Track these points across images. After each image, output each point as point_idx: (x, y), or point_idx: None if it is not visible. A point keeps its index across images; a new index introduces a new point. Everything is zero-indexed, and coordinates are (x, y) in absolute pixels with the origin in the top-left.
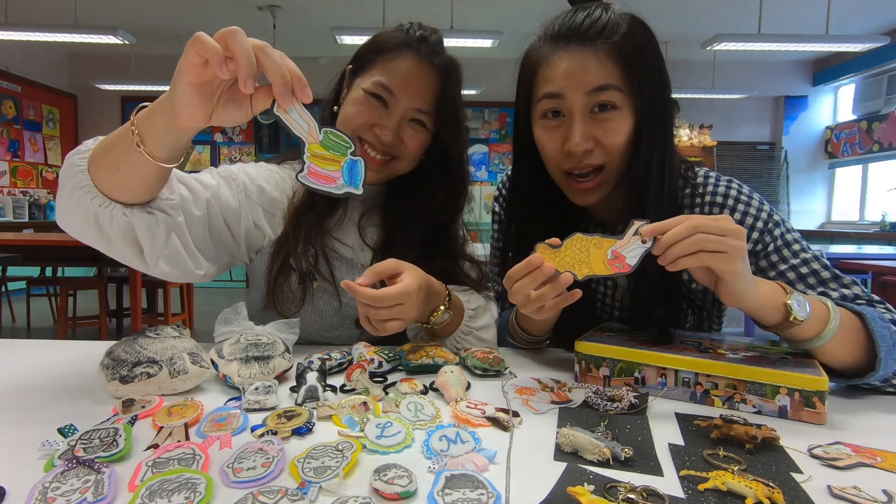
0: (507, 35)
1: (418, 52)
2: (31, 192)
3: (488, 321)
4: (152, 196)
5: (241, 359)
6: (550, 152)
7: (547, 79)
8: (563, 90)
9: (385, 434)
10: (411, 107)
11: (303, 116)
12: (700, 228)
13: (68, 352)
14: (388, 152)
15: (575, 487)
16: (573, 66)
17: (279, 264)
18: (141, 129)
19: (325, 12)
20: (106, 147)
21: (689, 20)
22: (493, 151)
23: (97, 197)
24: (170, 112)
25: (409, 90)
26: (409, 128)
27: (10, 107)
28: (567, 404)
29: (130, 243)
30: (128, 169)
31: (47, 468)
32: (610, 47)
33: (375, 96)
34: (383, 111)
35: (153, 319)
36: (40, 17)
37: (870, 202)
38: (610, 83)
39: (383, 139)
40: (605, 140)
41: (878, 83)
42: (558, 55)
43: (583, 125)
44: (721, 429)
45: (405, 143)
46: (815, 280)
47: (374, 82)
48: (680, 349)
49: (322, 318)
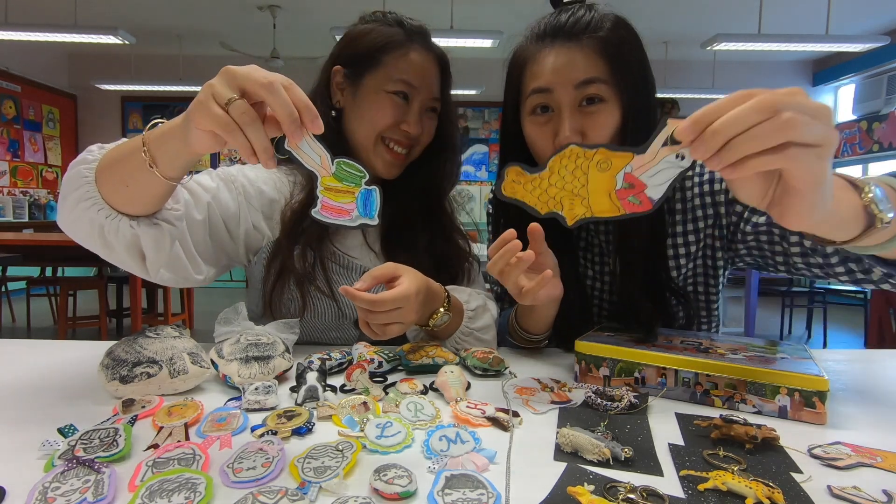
0: (507, 35)
1: (422, 44)
2: (31, 192)
3: (488, 321)
4: (159, 208)
5: (241, 359)
6: (541, 148)
7: (535, 75)
8: (550, 85)
9: (385, 434)
10: (429, 97)
11: (314, 149)
12: (781, 106)
13: (68, 352)
14: (410, 145)
15: (575, 487)
16: (560, 61)
17: (276, 269)
18: (153, 150)
19: (325, 12)
20: (115, 162)
21: (689, 20)
22: (493, 151)
23: (104, 209)
24: (183, 140)
25: (425, 81)
26: (426, 117)
27: (10, 107)
28: (567, 404)
29: (134, 253)
30: (137, 185)
31: (47, 468)
32: (595, 42)
33: (400, 94)
34: (406, 107)
35: (153, 319)
36: (40, 17)
37: None
38: (597, 76)
39: (412, 133)
40: (592, 134)
41: (878, 83)
42: (545, 51)
43: (571, 119)
44: (721, 429)
45: (423, 136)
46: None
47: (398, 80)
48: (680, 349)
49: (321, 320)
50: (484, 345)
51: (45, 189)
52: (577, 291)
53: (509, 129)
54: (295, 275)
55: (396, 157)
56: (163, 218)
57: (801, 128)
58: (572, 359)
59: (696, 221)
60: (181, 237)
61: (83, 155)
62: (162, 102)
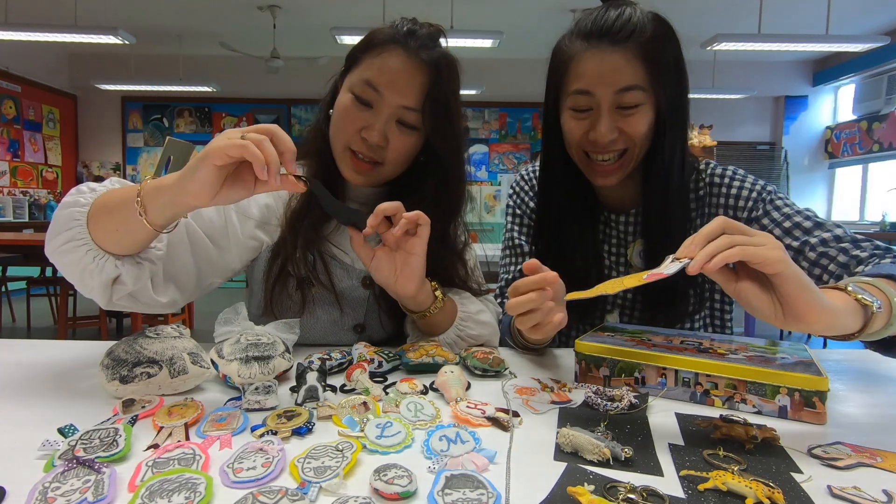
0: (507, 35)
1: (405, 47)
2: (31, 192)
3: (480, 306)
4: (145, 248)
5: (241, 359)
6: (575, 137)
7: (578, 75)
8: (592, 88)
9: (385, 434)
10: (398, 105)
11: None
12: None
13: (68, 352)
14: (373, 158)
15: (575, 487)
16: (604, 68)
17: (277, 271)
18: (146, 201)
19: (325, 12)
20: (107, 209)
21: (689, 20)
22: (493, 151)
23: (92, 250)
24: (178, 190)
25: (395, 87)
26: (396, 130)
27: (10, 107)
28: (567, 404)
29: (106, 288)
30: (126, 231)
31: (47, 468)
32: (638, 48)
33: (360, 100)
34: (369, 112)
35: (153, 319)
36: (40, 17)
37: (870, 202)
38: (636, 84)
39: (370, 140)
40: (628, 129)
41: (878, 83)
42: (590, 52)
43: (609, 119)
44: (721, 429)
45: (390, 146)
46: (800, 231)
47: (360, 80)
48: (680, 349)
49: (321, 324)
50: (483, 328)
51: (45, 189)
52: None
53: (550, 118)
54: (297, 276)
55: (360, 165)
56: (146, 258)
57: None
58: (572, 359)
59: None
60: (156, 272)
61: (74, 196)
62: (162, 102)
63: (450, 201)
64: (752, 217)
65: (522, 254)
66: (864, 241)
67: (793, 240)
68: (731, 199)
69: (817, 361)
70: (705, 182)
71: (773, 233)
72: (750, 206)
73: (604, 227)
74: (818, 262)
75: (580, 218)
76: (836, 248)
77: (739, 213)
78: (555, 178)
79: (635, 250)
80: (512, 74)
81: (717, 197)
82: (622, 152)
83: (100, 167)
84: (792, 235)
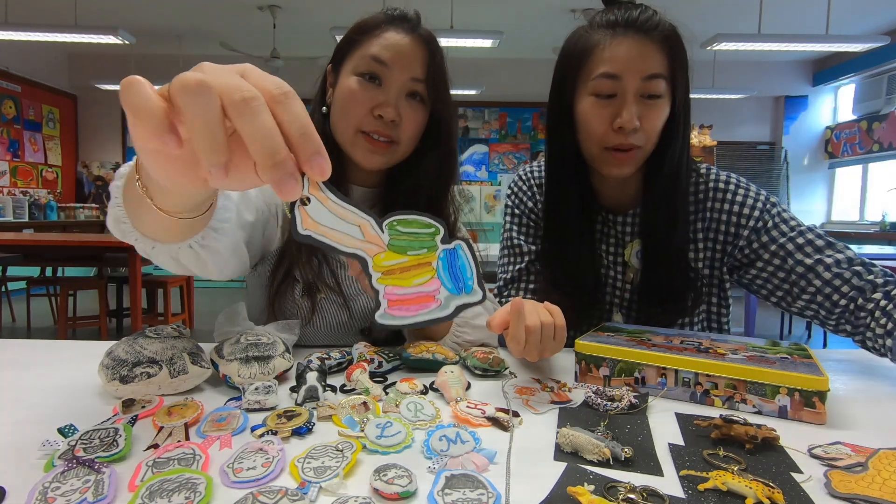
0: (507, 35)
1: (402, 27)
2: (31, 192)
3: (477, 309)
4: (198, 231)
5: (241, 359)
6: (596, 127)
7: (604, 60)
8: (621, 72)
9: (385, 434)
10: (407, 77)
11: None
12: None
13: (68, 352)
14: (389, 136)
15: (575, 487)
16: (633, 52)
17: (281, 277)
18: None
19: (325, 12)
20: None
21: (689, 20)
22: (492, 151)
23: (140, 239)
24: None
25: (402, 60)
26: (406, 105)
27: (10, 107)
28: (567, 404)
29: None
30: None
31: (47, 468)
32: (663, 40)
33: (369, 76)
34: (379, 90)
35: (153, 319)
36: (40, 17)
37: (870, 202)
38: (661, 72)
39: (387, 117)
40: (646, 124)
41: (878, 83)
42: (618, 39)
43: (634, 105)
44: (721, 429)
45: (404, 124)
46: (812, 248)
47: (365, 59)
48: (680, 349)
49: (329, 329)
50: (480, 332)
51: (45, 189)
52: (591, 277)
53: (559, 110)
54: (303, 281)
55: (376, 145)
56: (204, 244)
57: None
58: (572, 359)
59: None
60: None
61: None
62: None
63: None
64: (758, 227)
65: (521, 253)
66: (871, 264)
67: (805, 256)
68: (736, 207)
69: (817, 361)
70: (705, 185)
71: (785, 246)
72: (756, 215)
73: (602, 227)
74: (831, 283)
75: (579, 217)
76: (850, 271)
77: (744, 221)
78: (564, 172)
79: (633, 250)
80: (512, 74)
81: (720, 203)
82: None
83: (100, 167)
84: (804, 252)
